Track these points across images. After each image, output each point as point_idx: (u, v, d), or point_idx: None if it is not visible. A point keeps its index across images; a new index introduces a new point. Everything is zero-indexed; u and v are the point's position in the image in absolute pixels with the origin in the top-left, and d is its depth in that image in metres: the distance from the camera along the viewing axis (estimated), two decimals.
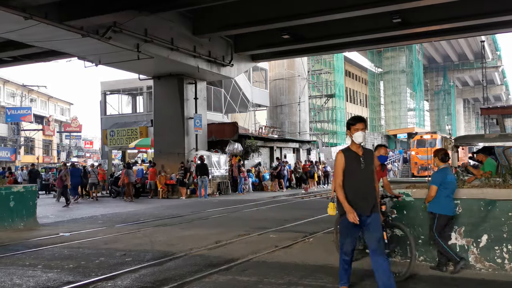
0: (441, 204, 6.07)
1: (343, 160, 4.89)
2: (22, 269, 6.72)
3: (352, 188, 4.84)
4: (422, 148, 31.47)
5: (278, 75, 37.78)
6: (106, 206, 17.55)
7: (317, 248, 7.88)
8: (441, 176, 6.12)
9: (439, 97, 72.96)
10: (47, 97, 55.83)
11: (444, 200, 6.06)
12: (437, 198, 6.08)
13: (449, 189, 6.08)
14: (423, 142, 32.05)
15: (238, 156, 24.21)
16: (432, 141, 31.49)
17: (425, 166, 30.13)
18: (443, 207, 6.06)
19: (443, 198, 6.07)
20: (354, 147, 4.95)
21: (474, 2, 17.00)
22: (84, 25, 15.02)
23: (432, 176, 6.38)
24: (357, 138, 4.89)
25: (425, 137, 32.42)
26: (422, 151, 31.15)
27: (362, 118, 5.03)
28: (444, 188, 6.06)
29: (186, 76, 21.89)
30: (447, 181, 6.06)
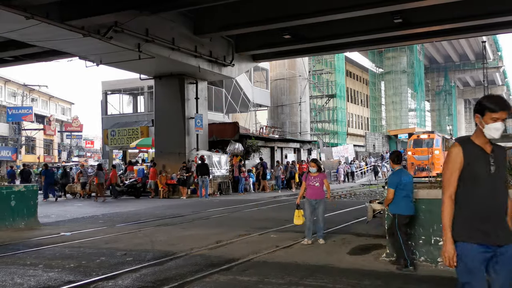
0: (399, 205, 6.35)
1: (461, 157, 3.06)
2: (23, 269, 6.72)
3: (474, 203, 3.00)
4: (419, 148, 30.22)
5: (279, 75, 37.78)
6: (106, 205, 17.56)
7: (318, 248, 7.88)
8: (396, 178, 6.39)
9: (440, 97, 72.89)
10: (48, 97, 55.91)
11: (402, 200, 6.32)
12: (396, 199, 6.36)
13: (406, 190, 6.32)
14: (420, 142, 30.69)
15: (239, 156, 24.21)
16: (430, 141, 30.13)
17: (422, 167, 28.86)
18: (402, 208, 6.33)
19: (401, 199, 6.33)
20: (481, 140, 3.13)
21: (475, 3, 16.99)
22: (85, 25, 15.04)
23: (388, 179, 6.67)
24: (491, 131, 3.07)
25: (422, 137, 30.95)
26: (419, 151, 29.95)
27: (507, 104, 3.08)
28: (400, 189, 6.32)
29: (187, 76, 21.89)
30: (403, 182, 6.32)
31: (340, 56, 44.44)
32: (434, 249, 6.30)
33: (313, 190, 8.31)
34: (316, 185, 8.28)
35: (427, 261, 6.35)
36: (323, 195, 8.35)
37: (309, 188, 8.36)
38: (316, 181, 8.31)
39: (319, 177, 8.36)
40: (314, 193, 8.31)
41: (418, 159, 29.75)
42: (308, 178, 8.41)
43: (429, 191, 6.45)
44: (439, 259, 6.26)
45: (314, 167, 8.41)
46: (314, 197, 8.30)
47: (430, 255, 6.34)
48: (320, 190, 8.31)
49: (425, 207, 6.38)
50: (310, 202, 8.32)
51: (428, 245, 6.35)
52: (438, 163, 28.01)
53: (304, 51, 23.58)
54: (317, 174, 8.38)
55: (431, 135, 30.72)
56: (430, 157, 28.54)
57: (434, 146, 29.31)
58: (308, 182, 8.38)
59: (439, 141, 29.77)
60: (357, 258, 7.01)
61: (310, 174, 8.43)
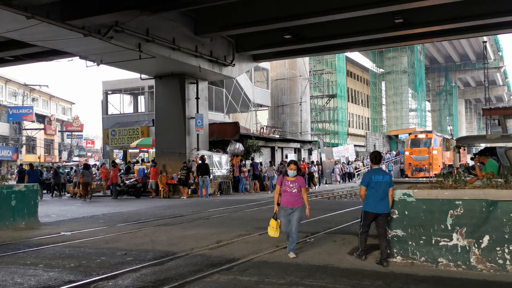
0: (368, 202, 6.72)
1: None
2: (23, 268, 6.72)
3: None
4: (416, 148, 29.33)
5: (279, 75, 37.77)
6: (107, 205, 17.57)
7: (318, 248, 7.88)
8: (367, 177, 6.79)
9: (440, 97, 72.89)
10: (48, 97, 55.93)
11: (370, 198, 6.69)
12: (366, 196, 6.77)
13: (375, 189, 6.64)
14: (418, 141, 29.77)
15: (240, 156, 24.20)
16: (427, 141, 29.26)
17: (420, 167, 28.14)
18: (368, 205, 6.72)
19: (369, 197, 6.71)
20: None
21: (476, 3, 16.97)
22: (86, 24, 15.03)
23: (362, 177, 7.14)
24: None
25: (419, 136, 30.04)
26: (416, 151, 29.10)
27: None
28: (371, 187, 6.69)
29: (188, 75, 21.89)
30: (373, 181, 6.67)
31: (340, 56, 44.43)
32: (435, 249, 6.29)
33: (290, 197, 7.12)
34: (294, 192, 7.10)
35: (428, 261, 6.34)
36: (301, 203, 7.16)
37: (285, 195, 7.16)
38: (293, 186, 7.11)
39: (297, 182, 7.15)
40: (291, 200, 7.12)
41: (415, 160, 28.95)
42: (284, 182, 7.17)
43: (430, 191, 6.44)
44: (440, 259, 6.26)
45: (293, 170, 7.15)
46: (290, 205, 7.12)
47: (431, 255, 6.33)
48: (298, 197, 7.14)
49: (426, 207, 6.37)
50: (286, 210, 7.15)
51: (429, 245, 6.34)
52: (436, 163, 27.59)
53: (304, 51, 23.56)
54: (295, 179, 7.16)
55: (429, 134, 29.91)
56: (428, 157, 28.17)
57: (432, 146, 28.47)
58: (283, 188, 7.17)
59: (437, 140, 28.99)
60: (357, 258, 7.00)
61: (286, 178, 7.20)
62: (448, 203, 6.24)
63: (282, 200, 7.20)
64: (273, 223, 7.19)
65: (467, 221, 6.14)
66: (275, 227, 7.19)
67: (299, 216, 7.14)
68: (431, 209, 6.33)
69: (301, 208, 7.14)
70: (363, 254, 6.94)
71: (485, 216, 6.04)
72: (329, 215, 12.99)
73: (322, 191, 24.70)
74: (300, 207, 7.13)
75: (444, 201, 6.26)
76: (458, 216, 6.17)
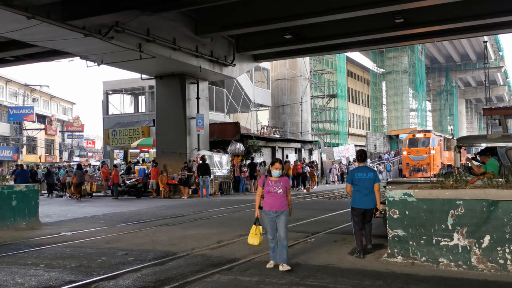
0: (354, 198, 7.19)
1: None
2: (24, 268, 6.73)
3: None
4: (414, 147, 28.46)
5: (280, 75, 37.77)
6: (108, 205, 17.58)
7: (319, 248, 7.87)
8: (351, 174, 7.24)
9: (441, 97, 72.82)
10: (49, 97, 55.94)
11: (355, 195, 7.14)
12: (352, 193, 7.20)
13: (358, 185, 7.07)
14: (416, 141, 28.84)
15: (240, 156, 24.21)
16: (425, 140, 28.40)
17: (418, 167, 27.38)
18: (354, 201, 7.18)
19: (354, 193, 7.14)
20: None
21: (476, 3, 16.97)
22: (87, 24, 15.04)
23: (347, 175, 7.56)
24: None
25: (417, 136, 29.12)
26: (414, 151, 28.24)
27: None
28: (354, 184, 7.12)
29: (188, 76, 21.89)
30: (356, 178, 7.10)
31: (341, 56, 44.41)
32: (436, 249, 6.29)
33: (275, 199, 6.39)
34: (279, 192, 6.39)
35: (429, 261, 6.33)
36: (286, 205, 6.48)
37: (268, 197, 6.44)
38: (278, 187, 6.42)
39: (281, 182, 6.46)
40: (276, 202, 6.39)
41: (413, 160, 28.17)
42: (267, 183, 6.48)
43: (431, 191, 6.44)
44: (441, 259, 6.26)
45: (278, 169, 6.48)
46: (275, 207, 6.39)
47: (432, 255, 6.32)
48: (283, 199, 6.42)
49: (427, 207, 6.37)
50: (269, 214, 6.40)
51: (430, 245, 6.34)
52: (435, 163, 26.86)
53: (305, 51, 23.57)
54: (279, 179, 6.48)
55: (427, 134, 29.17)
56: (426, 157, 27.64)
57: (430, 145, 27.77)
58: (267, 188, 6.46)
59: (435, 140, 28.28)
60: (358, 258, 7.00)
61: (270, 178, 6.53)
62: (449, 203, 6.23)
63: (266, 203, 6.45)
64: (254, 229, 6.47)
65: (468, 221, 6.13)
66: (256, 233, 6.48)
67: (286, 220, 6.42)
68: (431, 209, 6.33)
69: (287, 212, 6.47)
70: (360, 253, 7.07)
71: (486, 216, 6.04)
72: (329, 215, 13.00)
73: (323, 191, 24.69)
74: (286, 210, 6.45)
75: (445, 201, 6.26)
76: (459, 216, 6.17)
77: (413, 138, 29.37)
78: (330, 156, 36.65)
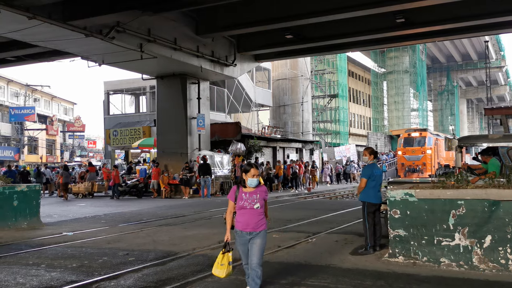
0: (368, 194, 7.27)
1: None
2: (25, 268, 6.73)
3: None
4: (410, 147, 27.19)
5: (281, 75, 37.77)
6: (108, 205, 17.59)
7: (320, 248, 7.87)
8: (369, 170, 7.33)
9: (442, 97, 72.78)
10: (50, 97, 55.99)
11: (371, 190, 7.26)
12: (366, 189, 7.28)
13: (376, 181, 7.27)
14: (411, 140, 27.50)
15: (241, 156, 24.21)
16: (421, 139, 27.13)
17: (413, 168, 26.20)
18: (370, 196, 7.27)
19: (370, 189, 7.25)
20: None
21: (478, 2, 16.95)
22: (88, 25, 15.06)
23: (362, 170, 7.63)
24: None
25: (413, 135, 27.76)
26: (409, 150, 26.96)
27: None
28: (371, 180, 7.24)
29: (189, 76, 21.90)
30: (374, 174, 7.26)
31: (342, 56, 44.40)
32: (437, 249, 6.28)
33: (251, 216, 4.91)
34: (256, 208, 4.91)
35: (430, 261, 6.32)
36: (265, 224, 5.00)
37: (242, 213, 4.94)
38: (254, 200, 4.91)
39: (258, 194, 4.94)
40: (252, 221, 4.90)
41: (408, 160, 27.02)
42: (240, 196, 4.95)
43: (432, 191, 6.43)
44: (442, 259, 6.25)
45: (254, 177, 4.93)
46: (251, 227, 4.90)
47: (433, 255, 6.32)
48: (261, 215, 4.96)
49: (428, 207, 6.36)
50: (243, 236, 4.95)
51: (431, 245, 6.33)
52: (431, 163, 25.91)
53: (306, 51, 23.57)
54: (255, 189, 4.96)
55: (423, 133, 28.03)
56: (421, 157, 26.24)
57: (427, 145, 26.78)
58: (240, 204, 4.94)
59: (431, 139, 27.25)
60: (359, 258, 6.99)
61: (243, 189, 4.99)
62: (450, 203, 6.22)
63: (238, 221, 4.96)
64: (220, 258, 5.03)
65: (469, 221, 6.12)
66: (223, 263, 5.02)
67: (263, 243, 4.92)
68: (433, 209, 6.32)
69: (264, 233, 4.97)
70: (372, 249, 7.22)
71: (487, 216, 6.03)
72: (330, 215, 12.99)
73: (324, 191, 24.69)
74: (264, 231, 4.95)
75: (446, 201, 6.25)
76: (460, 216, 6.16)
77: (408, 137, 28.06)
78: (331, 156, 36.62)
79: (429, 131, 29.45)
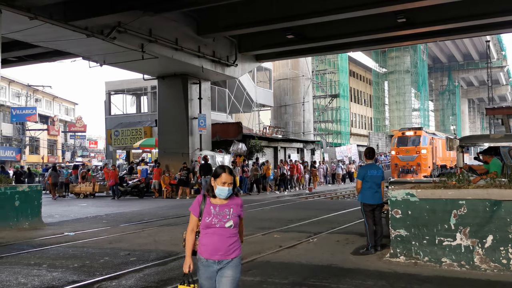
0: (364, 194, 7.34)
1: None
2: (27, 268, 6.74)
3: None
4: (403, 146, 25.97)
5: (282, 75, 37.77)
6: (110, 205, 17.60)
7: (321, 248, 7.87)
8: (363, 171, 7.40)
9: (443, 97, 72.69)
10: (52, 97, 56.05)
11: (366, 191, 7.31)
12: (362, 189, 7.36)
13: (370, 182, 7.28)
14: (405, 140, 26.16)
15: (243, 156, 24.21)
16: (416, 139, 25.86)
17: (407, 169, 25.04)
18: (365, 197, 7.35)
19: (365, 190, 7.31)
20: None
21: (479, 2, 16.93)
22: (89, 25, 15.07)
23: (358, 171, 7.71)
24: None
25: (407, 134, 26.42)
26: (403, 150, 25.72)
27: None
28: (366, 181, 7.29)
29: (190, 76, 21.90)
30: (368, 175, 7.28)
31: (343, 56, 44.38)
32: (438, 249, 6.28)
33: (220, 237, 3.59)
34: (227, 227, 3.59)
35: (431, 261, 6.32)
36: (239, 249, 3.67)
37: (209, 235, 3.62)
38: (226, 216, 3.61)
39: (232, 208, 3.64)
40: (222, 245, 3.60)
41: (402, 160, 25.74)
42: (207, 210, 3.63)
43: (433, 191, 6.43)
44: (443, 259, 6.24)
45: (226, 185, 3.60)
46: (220, 254, 3.60)
47: (434, 255, 6.31)
48: (234, 237, 3.65)
49: (429, 207, 6.36)
50: (209, 266, 3.67)
51: (432, 245, 6.32)
52: (426, 163, 24.92)
53: (307, 51, 23.55)
54: (228, 201, 3.66)
55: (417, 132, 26.67)
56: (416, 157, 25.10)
57: (421, 144, 25.61)
58: (206, 219, 3.61)
59: (427, 138, 26.06)
60: (361, 258, 6.99)
61: (211, 201, 3.67)
62: (451, 203, 6.22)
63: (203, 244, 3.64)
64: None
65: (470, 220, 6.12)
66: None
67: (236, 277, 3.62)
68: (434, 209, 6.32)
69: (239, 260, 3.65)
70: (372, 249, 7.23)
71: (489, 216, 6.02)
72: (331, 215, 12.99)
73: (325, 191, 24.68)
74: (238, 258, 3.63)
75: (447, 201, 6.25)
76: (461, 215, 6.15)
77: (402, 137, 26.63)
78: (333, 156, 36.58)
79: (424, 129, 28.02)
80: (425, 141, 25.77)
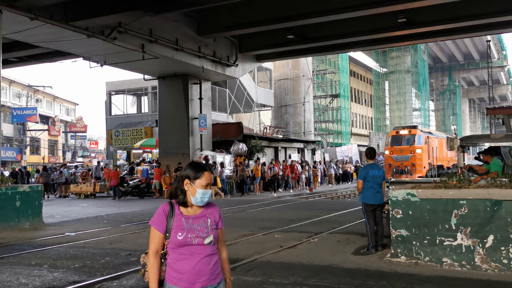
0: (365, 194, 7.35)
1: None
2: (28, 269, 6.75)
3: None
4: (397, 146, 25.06)
5: (282, 75, 37.78)
6: (111, 206, 17.61)
7: (322, 248, 7.87)
8: (364, 171, 7.41)
9: (444, 97, 72.65)
10: (52, 98, 56.07)
11: (367, 191, 7.32)
12: (363, 189, 7.36)
13: (372, 182, 7.29)
14: (399, 139, 25.18)
15: (243, 156, 24.21)
16: (410, 138, 24.91)
17: (402, 169, 24.20)
18: (366, 197, 7.35)
19: (366, 190, 7.32)
20: None
21: (479, 2, 16.93)
22: (89, 25, 15.09)
23: (359, 171, 7.67)
24: None
25: (401, 133, 25.46)
26: (397, 150, 24.84)
27: None
28: (367, 181, 7.30)
29: (191, 76, 21.92)
30: (369, 175, 7.29)
31: (344, 56, 44.38)
32: (439, 249, 6.27)
33: (200, 258, 2.65)
34: (207, 243, 2.68)
35: (432, 261, 6.32)
36: (220, 274, 2.75)
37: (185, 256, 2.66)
38: (204, 229, 2.70)
39: (209, 218, 2.75)
40: (204, 267, 2.66)
41: (396, 160, 24.80)
42: (178, 223, 2.68)
43: (434, 191, 6.43)
44: (444, 259, 6.24)
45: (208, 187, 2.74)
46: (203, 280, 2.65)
47: (435, 255, 6.31)
48: (215, 256, 2.72)
49: (430, 207, 6.36)
50: None
51: (433, 245, 6.32)
52: (421, 164, 24.08)
53: (307, 51, 23.56)
54: (202, 210, 2.76)
55: (412, 130, 25.70)
56: (410, 157, 24.26)
57: (416, 143, 24.65)
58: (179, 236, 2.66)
59: (422, 137, 25.09)
60: (361, 258, 6.99)
61: (182, 211, 2.72)
62: (452, 203, 6.22)
63: (178, 271, 2.68)
64: None
65: (471, 220, 6.12)
66: None
67: None
68: (435, 209, 6.32)
69: (223, 285, 2.79)
70: (374, 248, 7.25)
71: (490, 216, 6.02)
72: (332, 215, 12.98)
73: (326, 191, 24.68)
74: (223, 281, 2.80)
75: (448, 201, 6.25)
76: (462, 215, 6.15)
77: (396, 135, 25.64)
78: (333, 156, 36.57)
79: (419, 128, 27.03)
80: (420, 140, 24.79)
